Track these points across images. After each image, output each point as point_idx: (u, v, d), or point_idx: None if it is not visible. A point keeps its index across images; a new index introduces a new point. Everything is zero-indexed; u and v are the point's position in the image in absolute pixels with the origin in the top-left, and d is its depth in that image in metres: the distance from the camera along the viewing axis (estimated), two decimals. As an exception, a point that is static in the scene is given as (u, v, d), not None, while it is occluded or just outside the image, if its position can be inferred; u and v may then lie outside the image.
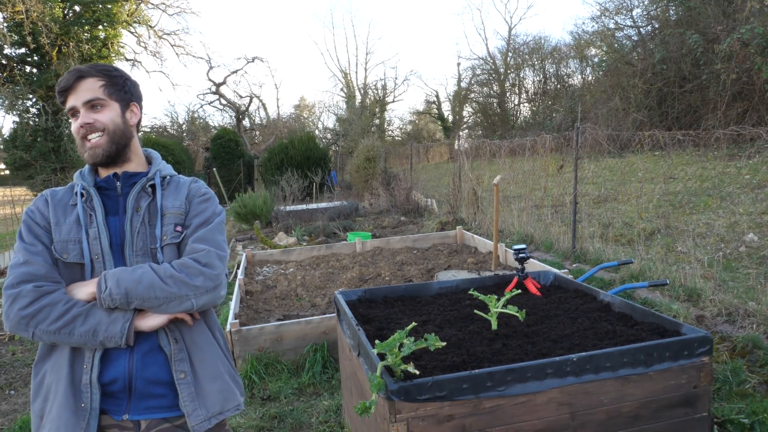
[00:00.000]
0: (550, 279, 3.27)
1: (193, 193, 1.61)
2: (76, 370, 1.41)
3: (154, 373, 1.46)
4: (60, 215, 1.50)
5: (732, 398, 3.20)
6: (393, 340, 1.85)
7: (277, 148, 20.67)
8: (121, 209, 1.53)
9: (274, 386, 3.80)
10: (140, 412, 1.45)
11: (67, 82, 1.50)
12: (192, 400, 1.47)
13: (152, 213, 1.54)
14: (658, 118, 16.69)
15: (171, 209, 1.55)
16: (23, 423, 3.50)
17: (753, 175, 9.51)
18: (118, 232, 1.50)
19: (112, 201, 1.54)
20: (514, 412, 1.89)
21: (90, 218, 1.49)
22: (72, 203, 1.52)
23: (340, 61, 61.66)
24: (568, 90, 25.33)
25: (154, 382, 1.46)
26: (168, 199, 1.57)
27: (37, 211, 1.51)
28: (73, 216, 1.49)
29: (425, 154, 24.94)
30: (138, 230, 1.50)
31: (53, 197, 1.53)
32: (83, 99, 1.50)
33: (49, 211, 1.50)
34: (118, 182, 1.56)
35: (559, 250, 7.12)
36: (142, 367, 1.44)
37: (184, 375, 1.47)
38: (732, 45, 12.89)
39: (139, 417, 1.45)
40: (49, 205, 1.52)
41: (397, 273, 6.18)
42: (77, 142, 1.53)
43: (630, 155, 11.00)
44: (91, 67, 1.53)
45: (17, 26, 15.63)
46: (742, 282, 5.07)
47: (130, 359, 1.44)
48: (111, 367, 1.43)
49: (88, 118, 1.49)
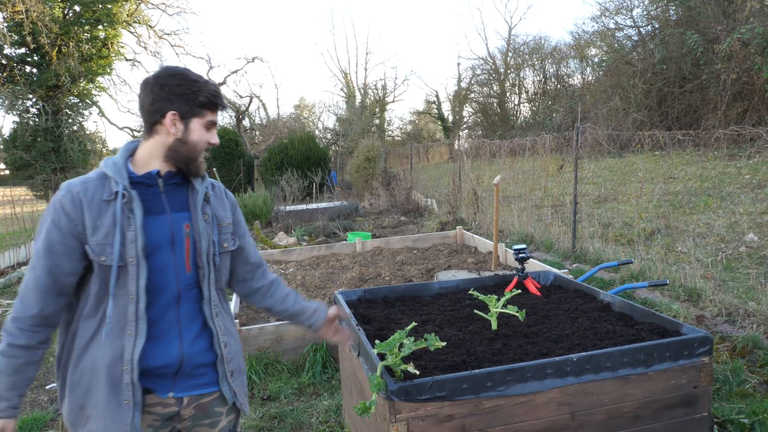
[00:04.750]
0: (550, 279, 3.27)
1: (233, 203, 1.77)
2: (115, 371, 1.48)
3: (200, 357, 1.60)
4: (96, 217, 1.47)
5: (732, 398, 3.20)
6: (393, 340, 1.85)
7: (277, 148, 20.66)
8: (168, 207, 1.58)
9: (274, 386, 3.80)
10: (184, 389, 1.59)
11: (221, 103, 1.62)
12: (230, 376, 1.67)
13: (211, 220, 1.64)
14: (658, 118, 16.69)
15: (224, 220, 1.69)
16: (23, 423, 3.50)
17: (753, 175, 9.51)
18: (164, 232, 1.55)
19: (155, 198, 1.56)
20: (514, 412, 1.89)
21: (128, 221, 1.48)
22: (105, 199, 1.49)
23: (340, 61, 61.76)
24: (568, 90, 25.33)
25: (199, 365, 1.60)
26: (218, 209, 1.69)
27: (62, 213, 1.47)
28: (109, 216, 1.48)
29: (425, 154, 24.96)
30: (209, 238, 1.62)
31: (85, 194, 1.48)
32: (215, 120, 1.63)
33: (82, 212, 1.47)
34: (160, 179, 1.58)
35: (559, 250, 7.12)
36: (191, 353, 1.58)
37: (225, 345, 1.65)
38: (732, 45, 12.89)
39: (182, 394, 1.59)
40: (81, 205, 1.47)
41: (397, 273, 6.18)
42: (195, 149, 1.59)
43: (630, 155, 11.00)
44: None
45: (17, 26, 15.62)
46: (742, 282, 5.07)
47: (180, 346, 1.56)
48: (162, 354, 1.54)
49: (215, 139, 1.63)
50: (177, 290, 1.56)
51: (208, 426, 1.66)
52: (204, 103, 1.57)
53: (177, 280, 1.56)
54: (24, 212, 12.33)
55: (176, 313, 1.57)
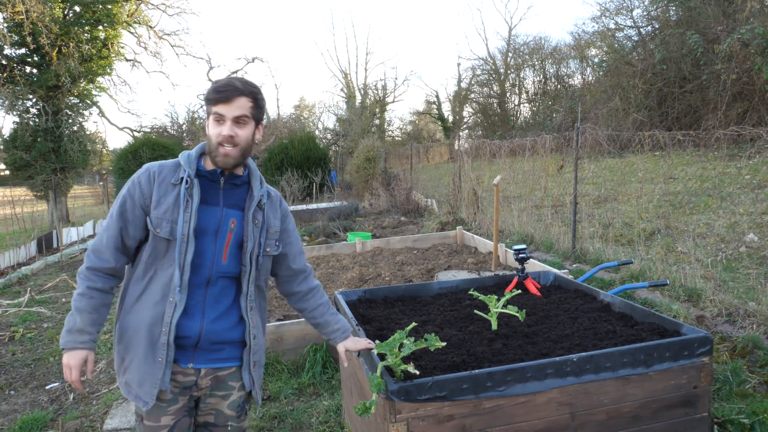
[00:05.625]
0: (550, 279, 3.27)
1: (284, 213, 1.95)
2: (155, 331, 1.70)
3: (218, 335, 1.77)
4: (162, 194, 1.73)
5: (732, 398, 3.20)
6: (393, 340, 1.85)
7: (277, 148, 20.66)
8: (222, 202, 1.79)
9: (274, 386, 3.79)
10: (202, 362, 1.77)
11: (225, 96, 1.69)
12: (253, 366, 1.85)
13: (260, 225, 1.83)
14: (658, 119, 16.68)
15: (273, 228, 1.87)
16: (23, 423, 3.50)
17: (753, 175, 9.51)
18: (212, 221, 1.76)
19: (213, 191, 1.79)
20: (514, 413, 1.89)
21: (187, 204, 1.71)
22: (173, 183, 1.74)
23: (340, 61, 61.76)
24: (568, 90, 25.33)
25: (216, 342, 1.78)
26: (270, 216, 1.87)
27: (137, 186, 1.75)
28: (173, 197, 1.72)
29: (425, 154, 24.96)
30: (255, 240, 1.80)
31: (159, 175, 1.75)
32: (234, 114, 1.71)
33: (152, 188, 1.73)
34: (222, 178, 1.79)
35: (559, 251, 7.12)
36: (209, 330, 1.75)
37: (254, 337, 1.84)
38: (732, 45, 12.89)
39: (201, 366, 1.77)
40: (153, 183, 1.74)
41: (397, 273, 6.18)
42: (211, 143, 1.74)
43: (630, 155, 11.01)
44: (244, 86, 1.73)
45: (17, 26, 15.60)
46: (742, 282, 5.06)
47: (201, 322, 1.74)
48: (186, 327, 1.73)
49: (231, 132, 1.71)
50: (209, 274, 1.75)
51: (221, 397, 1.84)
52: (209, 99, 1.73)
53: (211, 266, 1.75)
54: (24, 212, 12.34)
55: (204, 292, 1.75)
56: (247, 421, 1.95)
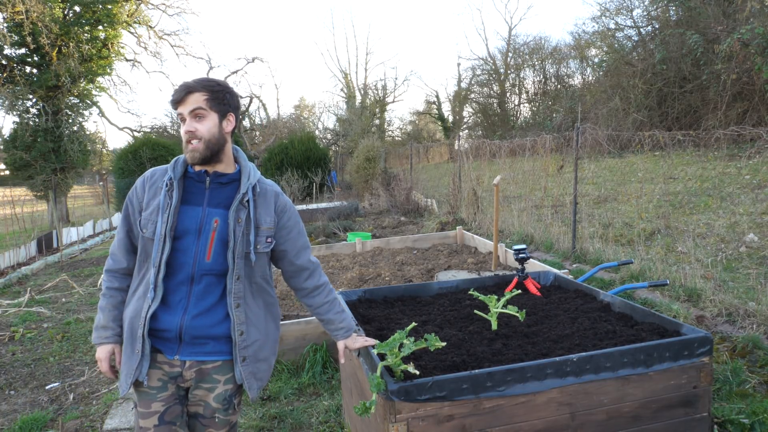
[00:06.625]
0: (550, 279, 3.27)
1: (282, 208, 1.94)
2: (135, 324, 1.81)
3: (200, 330, 1.82)
4: (151, 196, 1.84)
5: (732, 398, 3.20)
6: (393, 340, 1.85)
7: (277, 148, 20.67)
8: (206, 202, 1.84)
9: (274, 386, 3.79)
10: (186, 354, 1.83)
11: (178, 96, 1.79)
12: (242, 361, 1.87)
13: (247, 223, 1.85)
14: (658, 119, 16.68)
15: (264, 224, 1.88)
16: (23, 423, 3.50)
17: (753, 175, 9.51)
18: (194, 221, 1.82)
19: (198, 192, 1.85)
20: (514, 412, 1.89)
21: (167, 205, 1.79)
22: (160, 186, 1.84)
23: (340, 61, 61.76)
24: (568, 90, 25.33)
25: (199, 336, 1.83)
26: (260, 212, 1.88)
27: (134, 191, 1.89)
28: (158, 199, 1.82)
29: (425, 154, 24.93)
30: (239, 239, 1.82)
31: (150, 179, 1.87)
32: (189, 108, 1.79)
33: (144, 192, 1.86)
34: (208, 178, 1.86)
35: (559, 251, 7.12)
36: (190, 326, 1.81)
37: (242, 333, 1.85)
38: (732, 45, 12.89)
39: (185, 358, 1.84)
40: (146, 187, 1.86)
41: (397, 273, 6.18)
42: (183, 143, 1.83)
43: (630, 155, 11.01)
44: (197, 82, 1.81)
45: (17, 26, 15.61)
46: (742, 282, 5.06)
47: (182, 318, 1.81)
48: (167, 320, 1.80)
49: (190, 127, 1.78)
50: (192, 272, 1.81)
51: (207, 390, 1.89)
52: (172, 105, 1.84)
53: (194, 264, 1.81)
54: (24, 212, 12.34)
55: (188, 290, 1.82)
56: (236, 415, 1.97)
